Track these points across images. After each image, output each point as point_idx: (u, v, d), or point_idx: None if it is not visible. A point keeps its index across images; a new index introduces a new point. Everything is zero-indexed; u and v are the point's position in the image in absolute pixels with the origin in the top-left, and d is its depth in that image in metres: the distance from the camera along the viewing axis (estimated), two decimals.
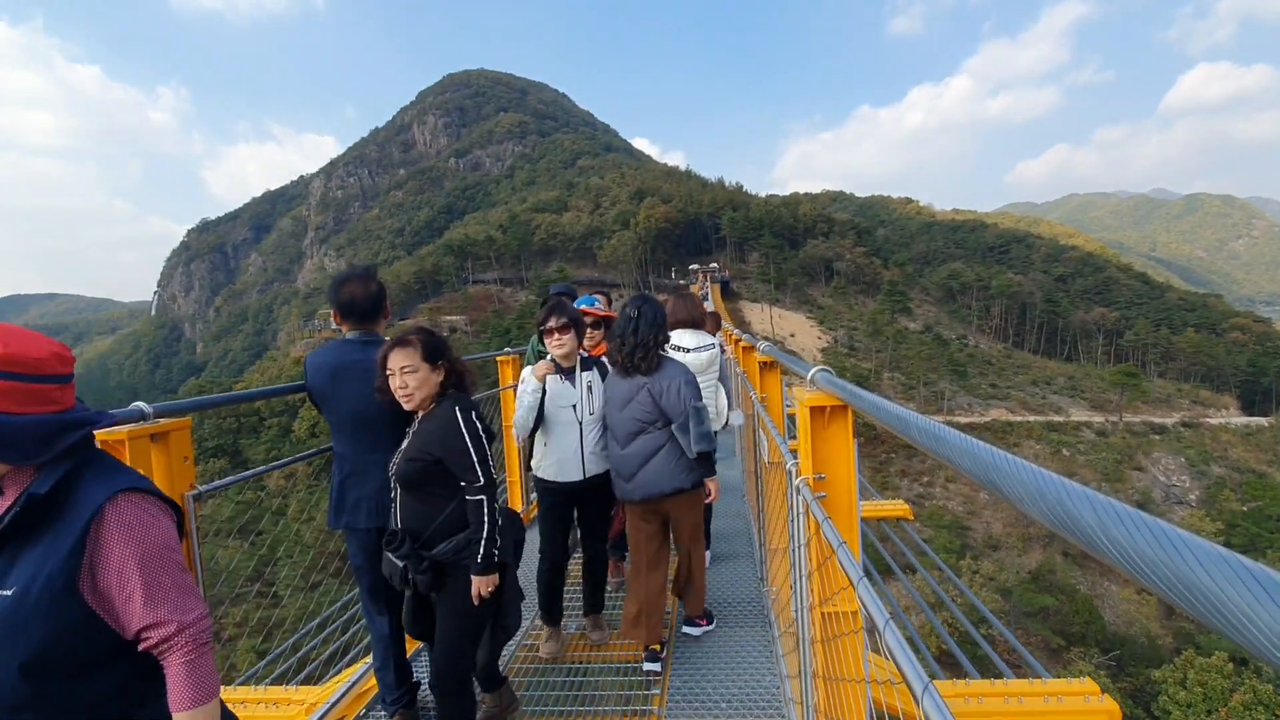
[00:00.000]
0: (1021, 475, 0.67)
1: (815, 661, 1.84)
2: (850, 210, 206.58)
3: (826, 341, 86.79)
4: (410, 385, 2.28)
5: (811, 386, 1.86)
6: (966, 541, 46.19)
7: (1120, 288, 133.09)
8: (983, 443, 0.83)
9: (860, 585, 1.22)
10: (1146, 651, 35.55)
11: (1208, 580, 0.40)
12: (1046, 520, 0.61)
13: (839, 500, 1.79)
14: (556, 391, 3.23)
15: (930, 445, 0.96)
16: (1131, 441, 65.29)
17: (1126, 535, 0.49)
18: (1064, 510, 0.57)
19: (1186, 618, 27.34)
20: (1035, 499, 0.63)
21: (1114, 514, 0.51)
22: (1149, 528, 0.48)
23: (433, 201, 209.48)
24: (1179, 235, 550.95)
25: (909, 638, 3.67)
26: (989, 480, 0.74)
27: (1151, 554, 0.46)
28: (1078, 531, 0.55)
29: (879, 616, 1.11)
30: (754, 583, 4.08)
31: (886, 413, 1.22)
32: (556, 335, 3.19)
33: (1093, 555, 0.54)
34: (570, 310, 3.29)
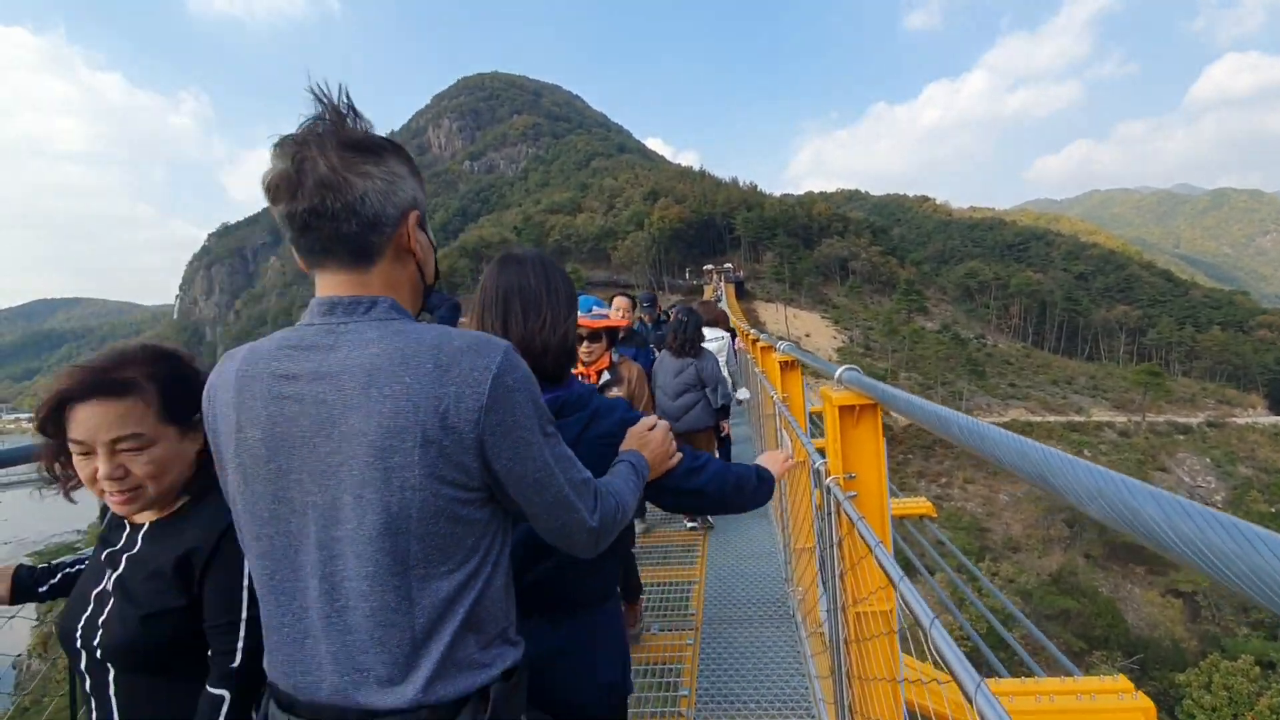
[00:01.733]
0: (1078, 473, 0.65)
1: (849, 662, 1.84)
2: (866, 209, 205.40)
3: (842, 341, 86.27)
4: None
5: (840, 386, 1.86)
6: (985, 543, 45.69)
7: (1143, 285, 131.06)
8: (1033, 441, 0.79)
9: (902, 585, 1.20)
10: (1170, 655, 34.93)
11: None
12: (1107, 519, 0.59)
13: (870, 499, 1.79)
14: None
15: (975, 444, 0.92)
16: (1155, 442, 64.23)
17: (1197, 531, 0.48)
18: (1126, 508, 0.56)
19: (1211, 620, 26.84)
20: (1095, 497, 0.61)
21: (1182, 510, 0.50)
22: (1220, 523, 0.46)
23: (447, 204, 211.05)
24: (1204, 231, 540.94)
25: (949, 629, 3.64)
26: (1042, 479, 0.72)
27: (1225, 548, 0.45)
28: (1142, 528, 0.54)
29: (924, 616, 1.08)
30: (778, 583, 4.07)
31: (924, 411, 1.18)
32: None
33: (1160, 552, 0.53)
34: None
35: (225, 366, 0.96)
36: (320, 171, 0.88)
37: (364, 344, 0.87)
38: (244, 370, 0.92)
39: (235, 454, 0.91)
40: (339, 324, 0.90)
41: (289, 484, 0.87)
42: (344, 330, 0.89)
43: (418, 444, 0.83)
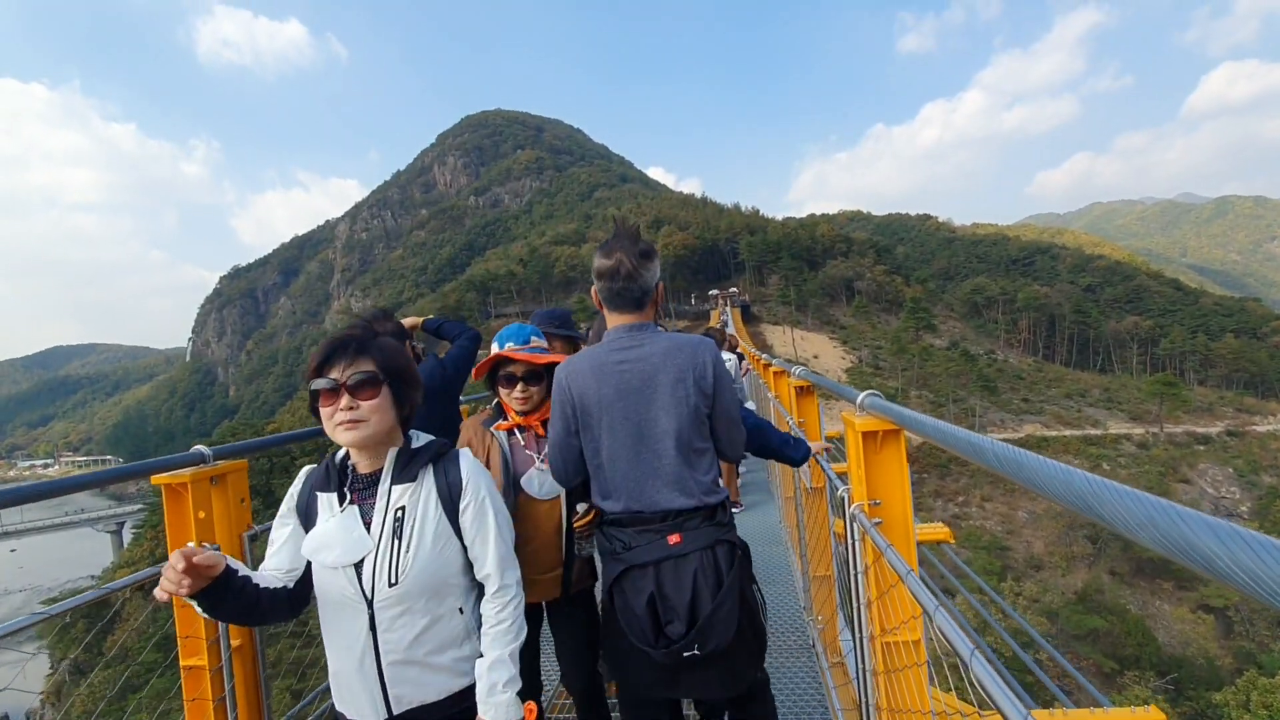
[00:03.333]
0: (1127, 503, 0.63)
1: (877, 694, 1.79)
2: (868, 229, 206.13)
3: (851, 361, 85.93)
4: None
5: (861, 411, 1.84)
6: (1007, 562, 44.76)
7: (1152, 295, 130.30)
8: (1076, 468, 0.76)
9: (938, 614, 1.16)
10: (1205, 673, 33.88)
11: None
12: (1160, 548, 0.58)
13: (895, 526, 1.76)
14: None
15: (1011, 472, 0.90)
16: (1175, 453, 63.16)
17: (1260, 562, 0.46)
18: (1180, 537, 0.55)
19: (1245, 636, 26.08)
20: (1146, 526, 0.60)
21: (1241, 540, 0.49)
22: None
23: (454, 239, 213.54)
24: (1210, 239, 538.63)
25: (989, 661, 3.54)
26: (1087, 508, 0.70)
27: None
28: (1198, 558, 0.53)
29: (964, 647, 1.05)
30: (796, 612, 3.99)
31: (954, 438, 1.14)
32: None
33: (1219, 582, 0.51)
34: None
35: (577, 363, 1.89)
36: (627, 267, 1.82)
37: (655, 343, 1.83)
38: (595, 363, 1.84)
39: (596, 401, 1.81)
40: (640, 336, 1.85)
41: (628, 408, 1.80)
42: (644, 338, 1.84)
43: (688, 382, 1.79)
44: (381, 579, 1.43)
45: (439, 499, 1.52)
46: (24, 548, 65.17)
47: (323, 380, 1.43)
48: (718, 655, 1.70)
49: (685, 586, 1.69)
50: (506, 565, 1.56)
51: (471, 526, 1.53)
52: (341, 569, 1.44)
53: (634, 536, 1.77)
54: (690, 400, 1.78)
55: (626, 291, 1.84)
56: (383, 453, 1.51)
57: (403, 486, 1.49)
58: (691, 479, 1.78)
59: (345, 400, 1.42)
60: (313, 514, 1.51)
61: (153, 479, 1.94)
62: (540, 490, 2.06)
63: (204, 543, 1.49)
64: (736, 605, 1.72)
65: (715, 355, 1.86)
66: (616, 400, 1.79)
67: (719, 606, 1.68)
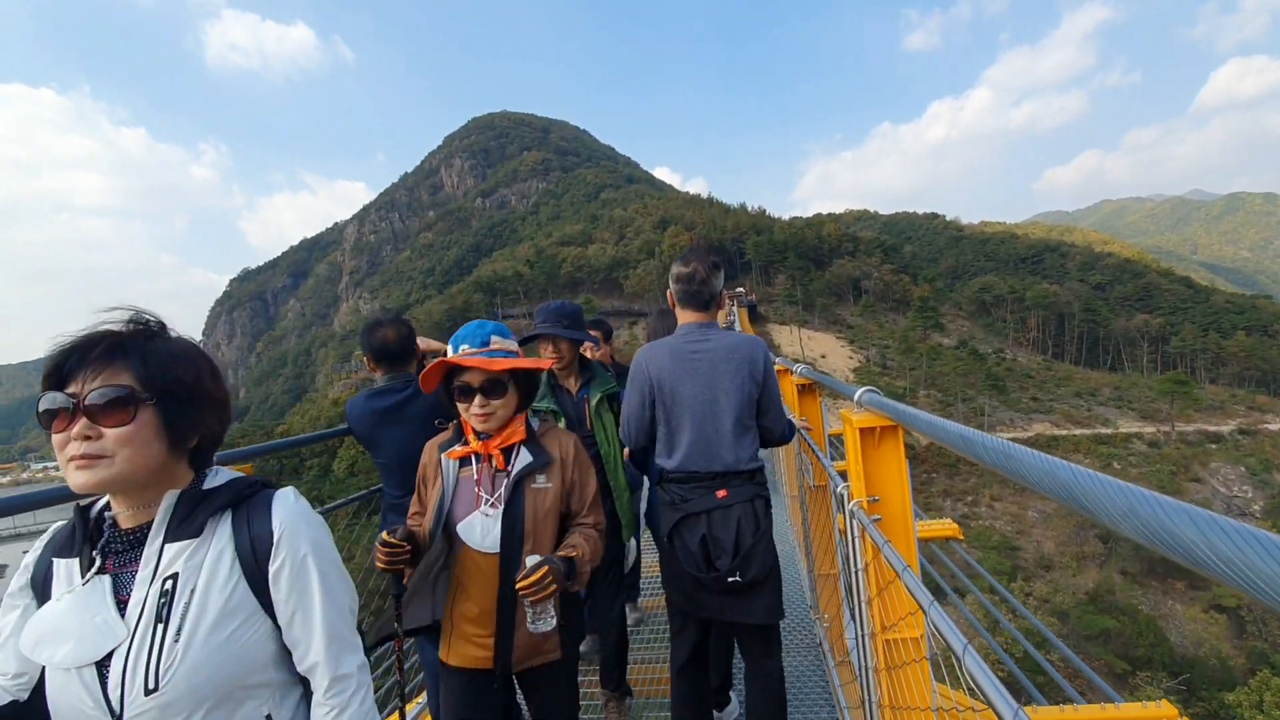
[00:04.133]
0: (1109, 493, 0.64)
1: (879, 691, 1.79)
2: (875, 228, 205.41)
3: (858, 361, 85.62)
4: None
5: (860, 408, 1.84)
6: (1017, 562, 44.47)
7: (1162, 293, 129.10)
8: (1061, 460, 0.78)
9: (932, 610, 1.17)
10: (1218, 673, 33.55)
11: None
12: (1143, 538, 0.58)
13: (894, 523, 1.76)
14: None
15: (1000, 464, 0.91)
16: (1186, 452, 62.57)
17: (1236, 550, 0.47)
18: (1161, 527, 0.55)
19: (1258, 636, 25.84)
20: (1128, 517, 0.60)
21: (1219, 528, 0.49)
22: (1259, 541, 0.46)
23: (461, 241, 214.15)
24: (1220, 236, 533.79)
25: (984, 655, 3.52)
26: (1072, 499, 0.71)
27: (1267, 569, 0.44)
28: (1179, 548, 0.53)
29: (957, 643, 1.06)
30: (803, 610, 3.99)
31: (946, 432, 1.16)
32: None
33: (1199, 572, 0.52)
34: None
35: (657, 349, 2.30)
36: (701, 274, 2.27)
37: (720, 339, 2.25)
38: (672, 351, 2.26)
39: (671, 382, 2.24)
40: (708, 332, 2.27)
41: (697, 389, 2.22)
42: (711, 334, 2.26)
43: (744, 373, 2.21)
44: (135, 683, 0.93)
45: (237, 560, 1.03)
46: (36, 550, 65.86)
47: (55, 397, 0.95)
48: (755, 584, 2.15)
49: (731, 530, 2.13)
50: (343, 649, 1.08)
51: (287, 598, 1.04)
52: (75, 670, 0.94)
53: (690, 491, 2.21)
54: (745, 387, 2.22)
55: (699, 294, 2.28)
56: (154, 499, 1.03)
57: (180, 545, 1.01)
58: (740, 447, 2.22)
59: (80, 426, 0.94)
60: (48, 590, 1.02)
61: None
62: (483, 541, 1.70)
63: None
64: (771, 546, 2.20)
65: (766, 353, 2.30)
66: (689, 382, 2.23)
67: (756, 544, 2.12)
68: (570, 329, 2.69)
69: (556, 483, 1.77)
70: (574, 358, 2.83)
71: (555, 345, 2.71)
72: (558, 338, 2.69)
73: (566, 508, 1.80)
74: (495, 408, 1.73)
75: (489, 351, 1.76)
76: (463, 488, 1.76)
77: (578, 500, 1.82)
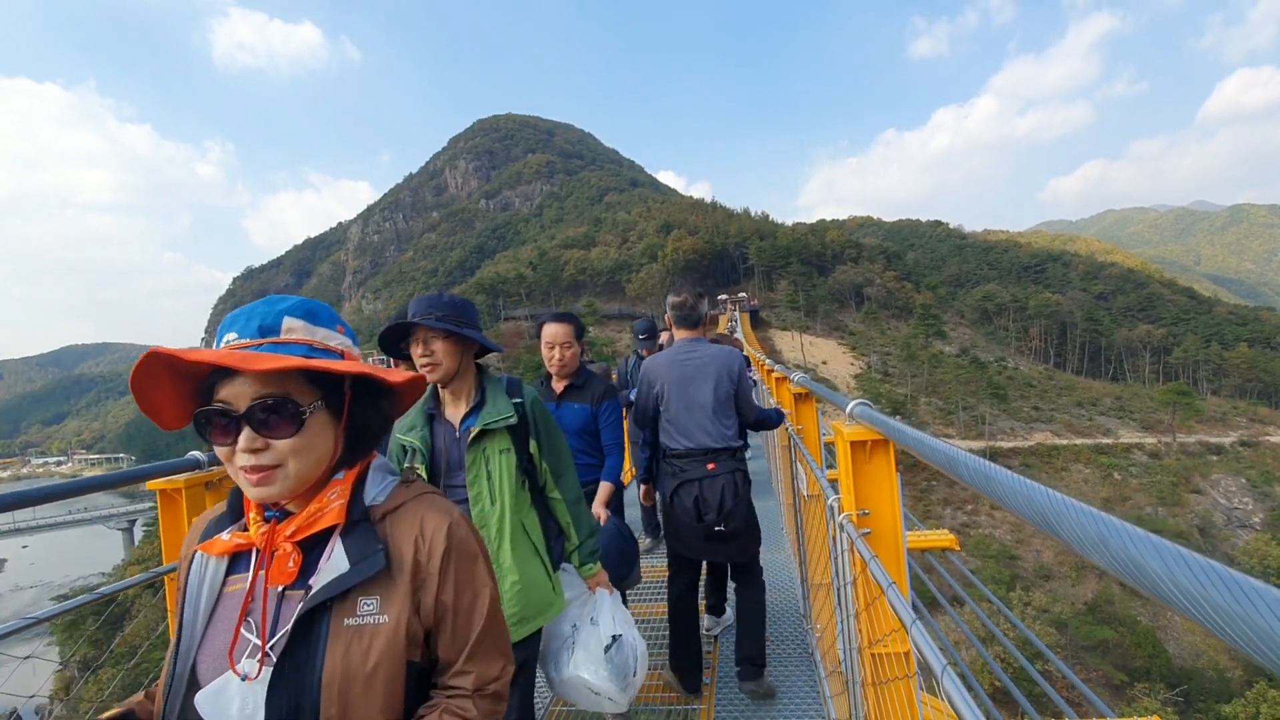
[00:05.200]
0: (1082, 520, 0.63)
1: (866, 705, 1.78)
2: (879, 235, 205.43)
3: (859, 368, 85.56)
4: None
5: (851, 421, 1.84)
6: (1016, 571, 44.37)
7: (1165, 303, 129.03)
8: (1037, 484, 0.78)
9: (914, 629, 1.17)
10: (1215, 686, 33.46)
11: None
12: (1111, 568, 0.58)
13: (884, 536, 1.76)
14: None
15: (980, 485, 0.92)
16: (1187, 463, 62.44)
17: (1198, 585, 0.46)
18: (1130, 559, 0.55)
19: None
20: (1098, 546, 0.60)
21: (1183, 562, 0.49)
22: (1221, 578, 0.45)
23: (464, 242, 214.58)
24: (1224, 248, 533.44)
25: (962, 676, 3.51)
26: (1046, 525, 0.71)
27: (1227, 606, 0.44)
28: (1146, 581, 0.53)
29: (936, 662, 1.05)
30: (796, 620, 3.98)
31: (931, 449, 1.18)
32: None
33: (1166, 607, 0.52)
34: None
35: (659, 359, 3.08)
36: (690, 302, 3.06)
37: (705, 350, 3.02)
38: (669, 360, 3.02)
39: (666, 382, 2.99)
40: (696, 345, 3.04)
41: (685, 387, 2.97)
42: (698, 347, 3.03)
43: (722, 375, 2.96)
44: None
45: None
46: (35, 544, 65.75)
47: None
48: (733, 534, 2.88)
49: (717, 493, 2.82)
50: None
51: None
52: None
53: (686, 464, 2.90)
54: (723, 385, 2.96)
55: (688, 317, 3.06)
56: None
57: None
58: (719, 430, 2.93)
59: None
60: None
61: (148, 484, 1.95)
62: (239, 713, 0.85)
63: None
64: (746, 507, 2.91)
65: (740, 361, 3.03)
66: (680, 382, 2.97)
67: (736, 505, 2.84)
68: (448, 321, 1.86)
69: (396, 614, 0.91)
70: (460, 368, 1.91)
71: (426, 345, 1.86)
72: (430, 333, 1.86)
73: (425, 656, 0.96)
74: (283, 453, 0.89)
75: (273, 345, 0.92)
76: (221, 615, 0.93)
77: (449, 641, 0.96)
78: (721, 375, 2.95)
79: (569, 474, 2.08)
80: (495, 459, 1.90)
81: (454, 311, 1.87)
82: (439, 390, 2.00)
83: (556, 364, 3.02)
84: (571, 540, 2.10)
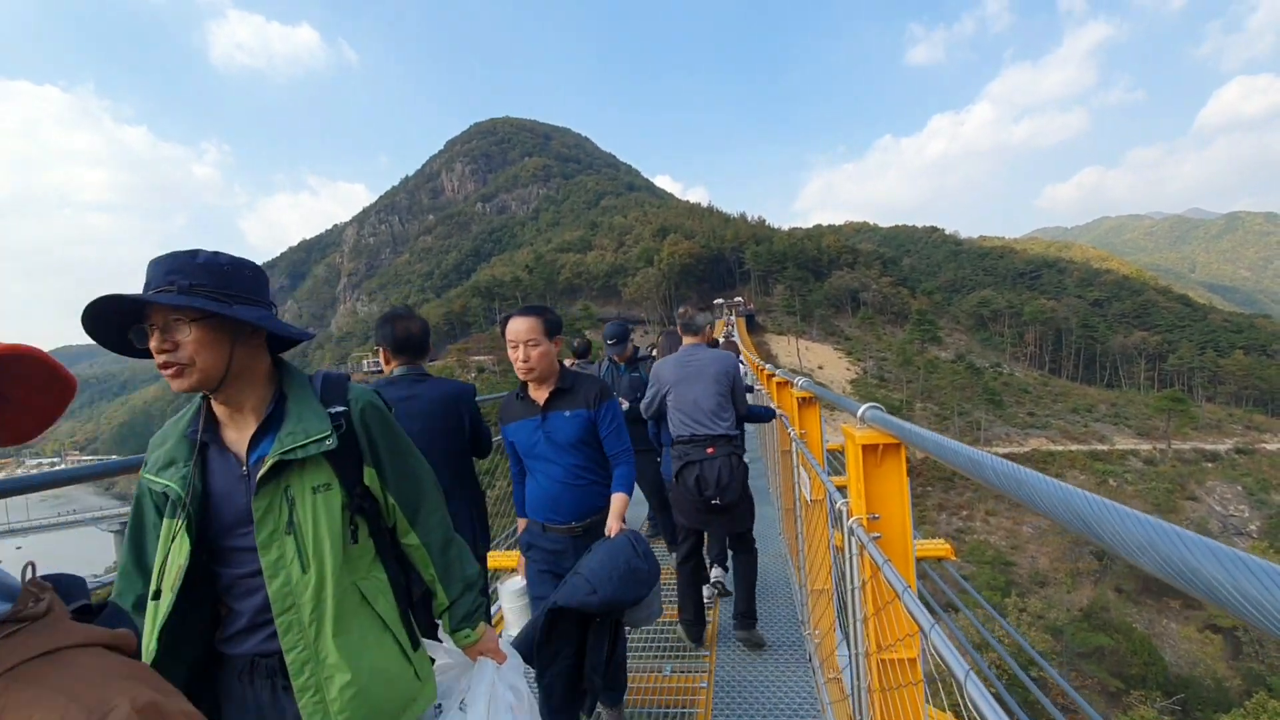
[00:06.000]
0: (1126, 524, 0.61)
1: (872, 713, 1.76)
2: (875, 240, 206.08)
3: (855, 373, 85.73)
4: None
5: (862, 424, 1.82)
6: (1011, 577, 44.39)
7: (1160, 310, 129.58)
8: (1074, 487, 0.75)
9: (933, 633, 1.14)
10: (1213, 694, 33.42)
11: None
12: (1160, 572, 0.56)
13: (894, 541, 1.73)
14: None
15: (1011, 489, 0.89)
16: (1183, 470, 62.65)
17: (1265, 591, 0.44)
18: (1184, 563, 0.52)
19: (1255, 657, 25.81)
20: (1145, 550, 0.58)
21: (1245, 568, 0.47)
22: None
23: (460, 245, 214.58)
24: (1219, 255, 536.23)
25: (985, 680, 3.48)
26: (1086, 528, 0.69)
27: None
28: (1199, 584, 0.51)
29: (958, 668, 1.03)
30: (794, 626, 3.95)
31: (953, 453, 1.13)
32: None
33: (1221, 610, 0.50)
34: None
35: (666, 361, 3.70)
36: (691, 314, 3.81)
37: (706, 354, 3.61)
38: (675, 362, 3.64)
39: (673, 380, 3.59)
40: (698, 350, 3.65)
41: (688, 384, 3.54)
42: (700, 352, 3.64)
43: (721, 375, 3.52)
44: None
45: None
46: (28, 545, 65.38)
47: None
48: (729, 506, 3.41)
49: (715, 473, 3.35)
50: None
51: None
52: None
53: (690, 449, 3.44)
54: (721, 384, 3.52)
55: (689, 326, 3.71)
56: None
57: None
58: (717, 421, 3.45)
59: None
60: None
61: (141, 474, 1.92)
62: None
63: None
64: (741, 485, 3.43)
65: (735, 363, 3.62)
66: (684, 380, 3.56)
67: (730, 482, 3.36)
68: (200, 294, 1.16)
69: None
70: (232, 368, 1.23)
71: (164, 335, 1.17)
72: (169, 315, 1.17)
73: None
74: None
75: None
76: None
77: None
78: (719, 375, 3.52)
79: (429, 507, 1.45)
80: (305, 502, 1.25)
81: (212, 279, 1.17)
82: (207, 403, 1.31)
83: (523, 366, 2.42)
84: (439, 600, 1.47)
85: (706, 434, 3.40)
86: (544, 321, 2.43)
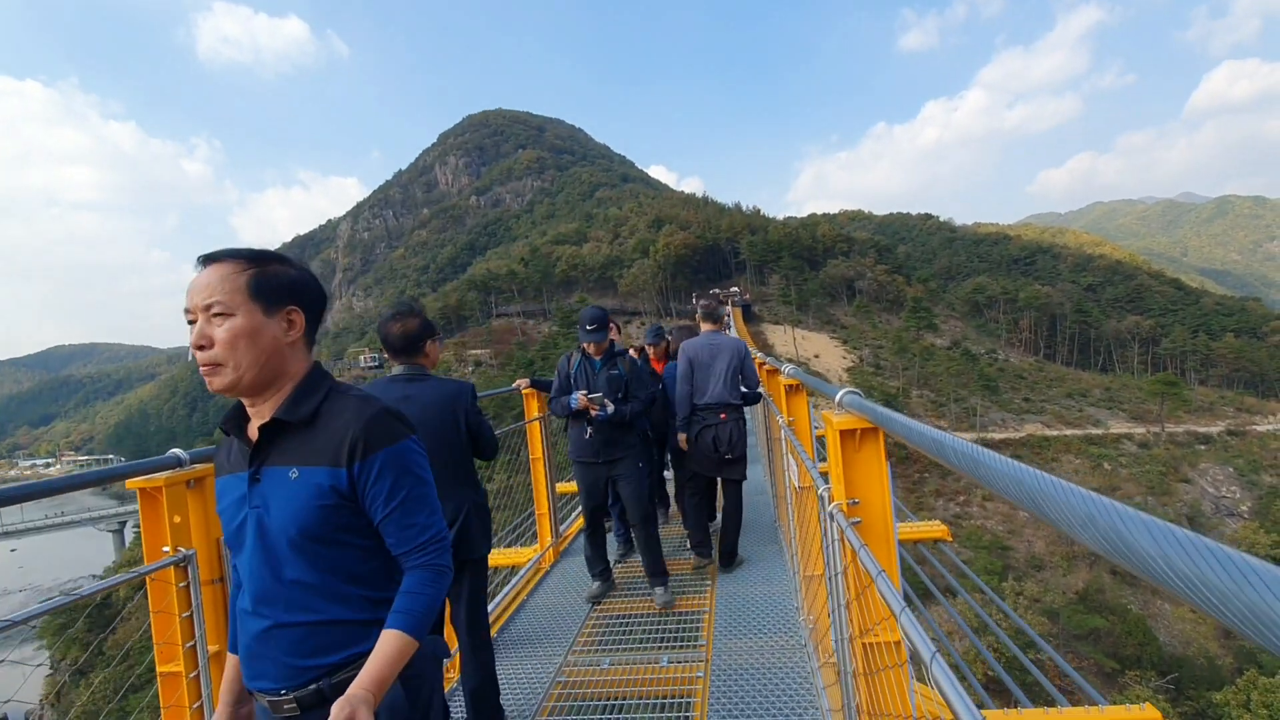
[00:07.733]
0: (1070, 500, 0.63)
1: (859, 695, 1.78)
2: (869, 229, 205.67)
3: (852, 361, 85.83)
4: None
5: (840, 409, 1.83)
6: (1008, 562, 44.69)
7: (1153, 295, 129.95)
8: (1025, 465, 0.77)
9: (903, 616, 1.16)
10: (1206, 673, 33.82)
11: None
12: (1100, 548, 0.57)
13: (874, 525, 1.75)
14: None
15: (968, 469, 0.92)
16: (1176, 453, 63.04)
17: (1191, 564, 0.45)
18: (1119, 537, 0.54)
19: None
20: (1086, 525, 0.59)
21: (1175, 541, 0.48)
22: (1214, 555, 0.43)
23: (455, 239, 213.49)
24: (1210, 239, 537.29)
25: (954, 666, 3.53)
26: (1034, 506, 0.70)
27: (1220, 584, 0.41)
28: (1135, 559, 0.52)
29: (925, 650, 1.06)
30: (790, 612, 3.98)
31: (920, 435, 1.19)
32: None
33: (1154, 585, 0.51)
34: None
35: (694, 342, 4.72)
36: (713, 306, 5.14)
37: (724, 339, 4.72)
38: (700, 344, 4.67)
39: (698, 359, 4.62)
40: (717, 336, 4.76)
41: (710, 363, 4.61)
42: (719, 337, 4.74)
43: (734, 355, 4.64)
44: None
45: None
46: (24, 547, 65.16)
47: None
48: (738, 459, 4.53)
49: (726, 433, 4.44)
50: None
51: None
52: None
53: (707, 415, 4.47)
54: (734, 363, 4.51)
55: (711, 315, 4.71)
56: None
57: None
58: (729, 392, 4.50)
59: None
60: None
61: (128, 483, 1.92)
62: None
63: None
64: (743, 442, 4.49)
65: (746, 347, 4.63)
66: (708, 359, 4.53)
67: (737, 441, 4.46)
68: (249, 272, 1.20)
69: None
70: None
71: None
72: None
73: None
74: None
75: None
76: None
77: None
78: (733, 356, 4.53)
79: None
80: None
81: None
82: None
83: (204, 367, 1.24)
84: None
85: (721, 403, 4.46)
86: (252, 272, 1.23)
